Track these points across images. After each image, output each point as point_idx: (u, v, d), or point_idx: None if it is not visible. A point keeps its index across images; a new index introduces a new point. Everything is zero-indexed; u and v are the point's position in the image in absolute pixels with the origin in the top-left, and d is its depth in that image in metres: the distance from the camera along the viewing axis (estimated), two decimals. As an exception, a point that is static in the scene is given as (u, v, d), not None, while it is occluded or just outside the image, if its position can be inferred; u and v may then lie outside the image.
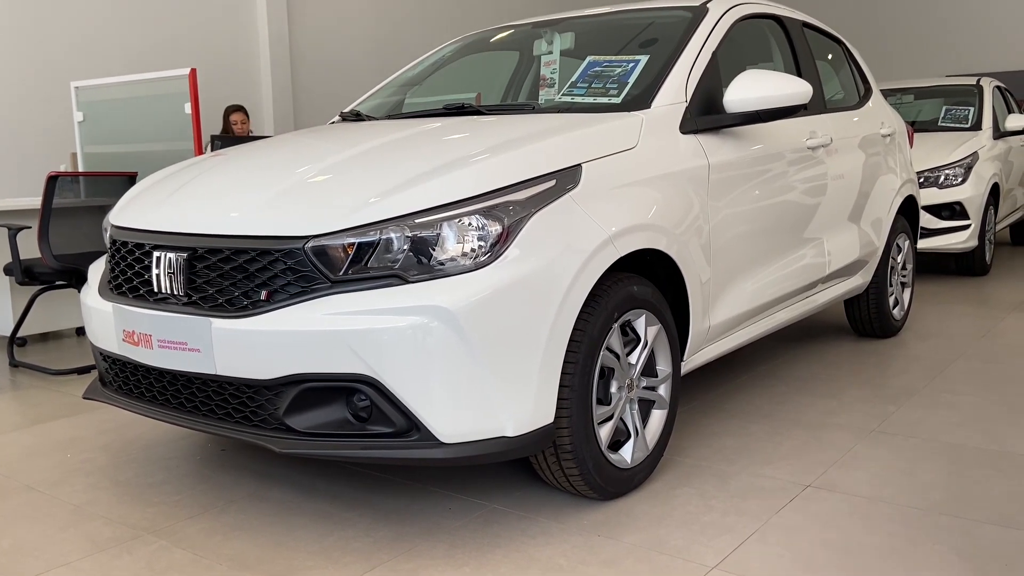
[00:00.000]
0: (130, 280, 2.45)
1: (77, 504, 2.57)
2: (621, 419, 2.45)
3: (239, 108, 6.99)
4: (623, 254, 2.34)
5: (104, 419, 3.44)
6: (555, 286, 2.14)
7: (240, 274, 2.18)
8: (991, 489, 2.49)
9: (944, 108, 6.88)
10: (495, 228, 2.11)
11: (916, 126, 6.75)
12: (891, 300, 4.37)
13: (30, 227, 4.49)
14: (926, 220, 6.02)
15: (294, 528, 2.35)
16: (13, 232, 4.33)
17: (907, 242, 4.53)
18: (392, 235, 2.09)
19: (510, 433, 2.09)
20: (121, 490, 2.67)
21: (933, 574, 2.01)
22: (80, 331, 5.46)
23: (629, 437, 2.48)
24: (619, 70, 2.89)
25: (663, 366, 2.60)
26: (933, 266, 6.88)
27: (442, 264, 2.08)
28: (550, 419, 2.17)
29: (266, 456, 2.91)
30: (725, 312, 2.90)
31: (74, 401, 3.76)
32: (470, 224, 2.10)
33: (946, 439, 2.91)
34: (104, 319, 2.50)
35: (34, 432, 3.31)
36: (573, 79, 2.96)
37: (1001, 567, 2.03)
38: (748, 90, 2.83)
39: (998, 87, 7.27)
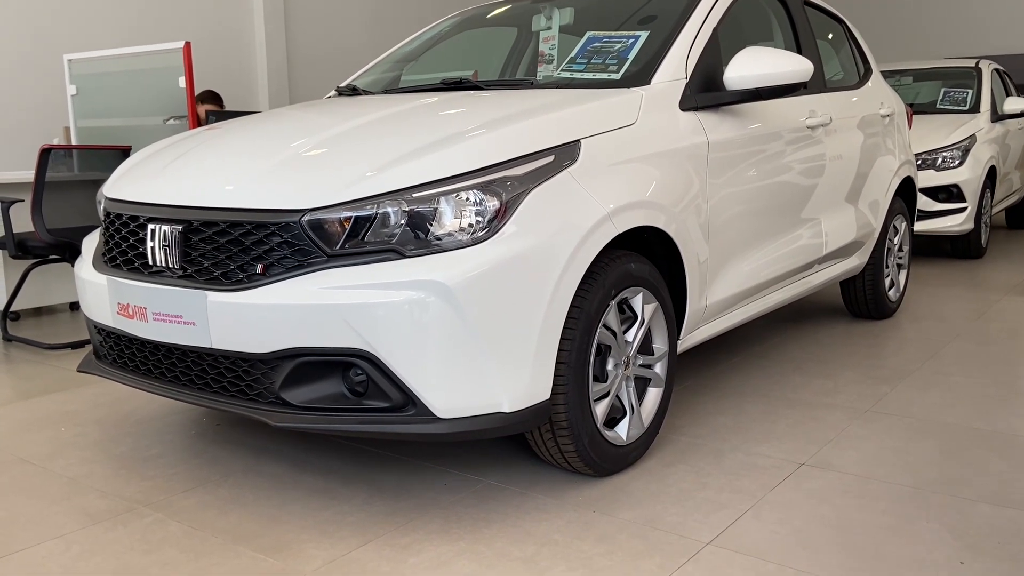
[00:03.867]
0: (125, 253, 2.44)
1: (71, 477, 2.57)
2: (617, 396, 2.46)
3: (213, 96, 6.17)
4: (621, 231, 2.32)
5: (98, 393, 3.43)
6: (553, 262, 2.13)
7: (236, 247, 2.16)
8: (984, 468, 2.50)
9: (942, 90, 6.86)
10: (493, 203, 2.10)
11: (914, 108, 6.73)
12: (887, 282, 4.37)
13: (23, 200, 4.46)
14: (923, 202, 6.02)
15: (289, 502, 2.35)
16: (6, 205, 4.30)
17: (904, 224, 4.53)
18: (389, 209, 2.07)
19: (506, 409, 2.09)
20: (116, 463, 2.67)
21: (927, 551, 2.02)
22: (74, 306, 5.44)
23: (625, 414, 2.49)
24: (619, 46, 2.87)
25: (659, 344, 2.60)
26: (929, 249, 6.89)
27: (439, 239, 2.07)
28: (546, 395, 2.16)
29: (261, 430, 2.91)
30: (722, 291, 2.90)
31: (68, 375, 3.75)
32: (468, 199, 2.09)
33: (940, 419, 2.92)
34: (98, 292, 2.48)
35: (27, 406, 3.30)
36: (572, 55, 2.93)
37: (994, 544, 2.04)
38: (748, 67, 2.80)
39: (997, 70, 7.24)
